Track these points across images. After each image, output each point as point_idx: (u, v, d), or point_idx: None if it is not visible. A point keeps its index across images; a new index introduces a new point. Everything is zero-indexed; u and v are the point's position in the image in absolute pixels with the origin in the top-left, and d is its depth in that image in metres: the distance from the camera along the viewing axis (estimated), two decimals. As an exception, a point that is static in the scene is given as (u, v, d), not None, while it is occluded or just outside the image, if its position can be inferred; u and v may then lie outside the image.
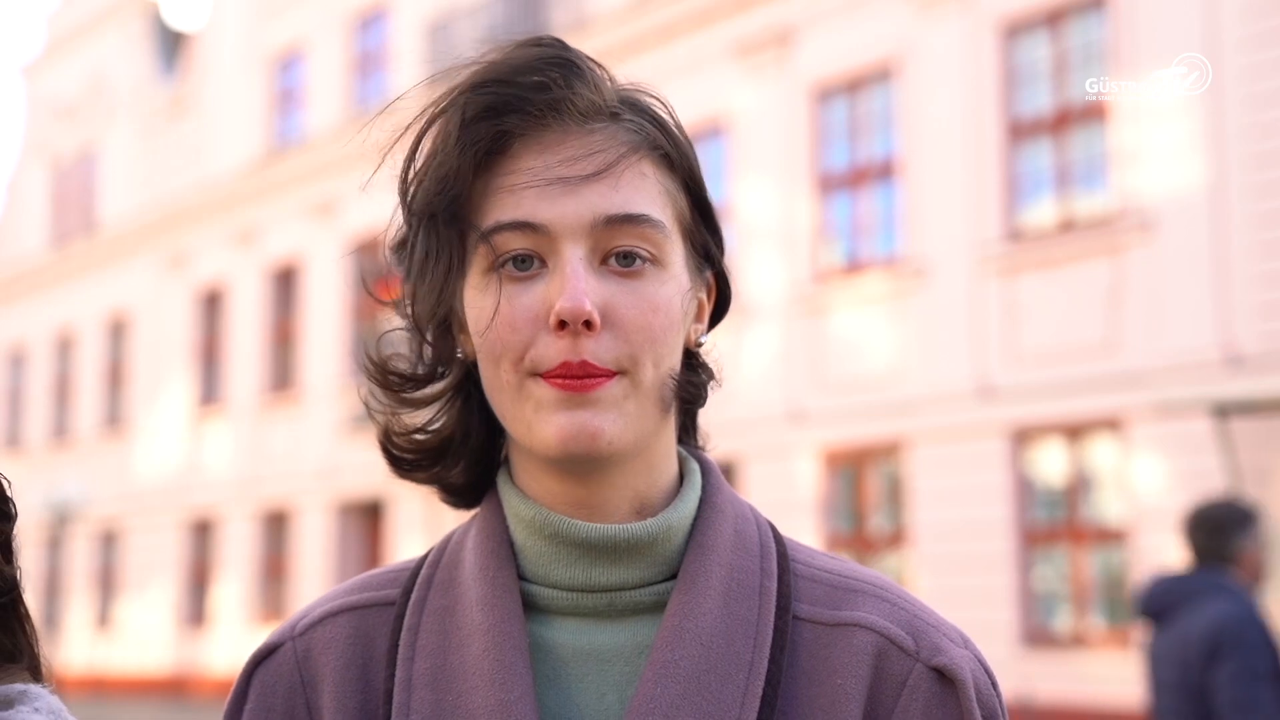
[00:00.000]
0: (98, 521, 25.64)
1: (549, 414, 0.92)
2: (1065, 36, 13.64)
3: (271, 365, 22.99)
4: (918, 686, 0.92)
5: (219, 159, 24.68)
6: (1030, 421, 13.24)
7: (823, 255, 15.50)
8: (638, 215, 0.93)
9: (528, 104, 0.94)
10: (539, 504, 0.97)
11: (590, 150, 0.94)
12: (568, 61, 0.96)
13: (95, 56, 28.49)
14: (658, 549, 0.96)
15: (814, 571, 0.99)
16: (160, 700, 22.55)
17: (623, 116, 0.97)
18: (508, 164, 0.95)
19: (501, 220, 0.93)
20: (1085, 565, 12.91)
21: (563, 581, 0.96)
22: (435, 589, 1.00)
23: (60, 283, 28.48)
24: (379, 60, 22.10)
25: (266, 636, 1.04)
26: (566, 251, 0.92)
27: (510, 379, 0.93)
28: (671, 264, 0.95)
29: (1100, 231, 13.00)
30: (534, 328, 0.92)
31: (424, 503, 18.92)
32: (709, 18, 16.53)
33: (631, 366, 0.92)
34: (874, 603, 0.96)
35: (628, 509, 0.97)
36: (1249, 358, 11.82)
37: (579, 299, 0.90)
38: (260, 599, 22.10)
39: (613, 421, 0.92)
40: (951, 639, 0.95)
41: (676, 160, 0.98)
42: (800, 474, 14.83)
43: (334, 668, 0.99)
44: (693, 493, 0.99)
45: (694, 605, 0.93)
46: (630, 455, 0.95)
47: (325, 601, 1.04)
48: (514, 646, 0.93)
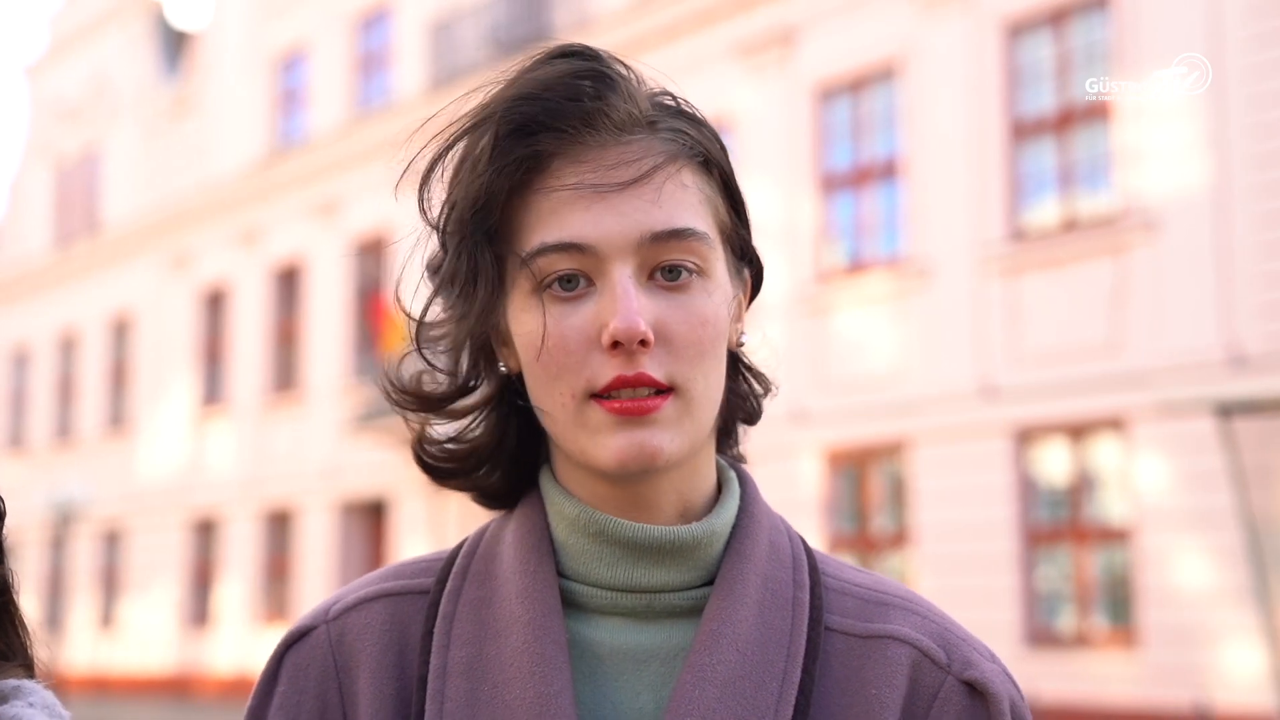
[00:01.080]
0: (101, 521, 25.65)
1: (606, 437, 0.92)
2: (1068, 36, 13.63)
3: (274, 365, 23.00)
4: (949, 699, 0.94)
5: (222, 159, 24.69)
6: (1033, 421, 13.23)
7: (825, 255, 15.50)
8: (683, 230, 0.93)
9: (562, 120, 0.93)
10: (584, 503, 0.97)
11: (627, 160, 0.93)
12: (599, 73, 0.95)
13: (98, 57, 28.51)
14: (699, 553, 0.97)
15: (843, 585, 1.00)
16: (163, 700, 22.56)
17: (659, 125, 0.96)
18: (545, 182, 0.94)
19: (547, 242, 0.92)
20: (1088, 565, 12.90)
21: (604, 580, 0.96)
22: (471, 579, 0.99)
23: (63, 283, 28.50)
24: (381, 60, 22.10)
25: (299, 620, 1.03)
26: (615, 272, 0.92)
27: (567, 403, 0.93)
28: (716, 273, 0.96)
29: (1103, 231, 12.99)
30: (586, 348, 0.92)
31: (426, 503, 18.93)
32: (711, 18, 16.53)
33: (683, 382, 0.92)
34: (905, 615, 0.98)
35: (672, 512, 0.97)
36: (1252, 358, 11.81)
37: (633, 319, 0.89)
38: (263, 599, 22.11)
39: (670, 440, 0.92)
40: (981, 653, 0.97)
41: (714, 163, 0.98)
42: (803, 474, 14.83)
43: (370, 654, 0.98)
44: (733, 500, 1.00)
45: (731, 611, 0.94)
46: (681, 464, 0.96)
47: (359, 587, 1.03)
48: (554, 641, 0.93)
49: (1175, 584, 12.00)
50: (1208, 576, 11.84)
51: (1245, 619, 11.51)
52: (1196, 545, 11.92)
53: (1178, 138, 12.45)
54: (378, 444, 19.47)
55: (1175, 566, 12.03)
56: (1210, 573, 11.82)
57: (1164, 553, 12.12)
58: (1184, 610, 11.89)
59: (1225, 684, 11.58)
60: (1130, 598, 12.46)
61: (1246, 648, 11.51)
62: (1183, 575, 11.98)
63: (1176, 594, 11.96)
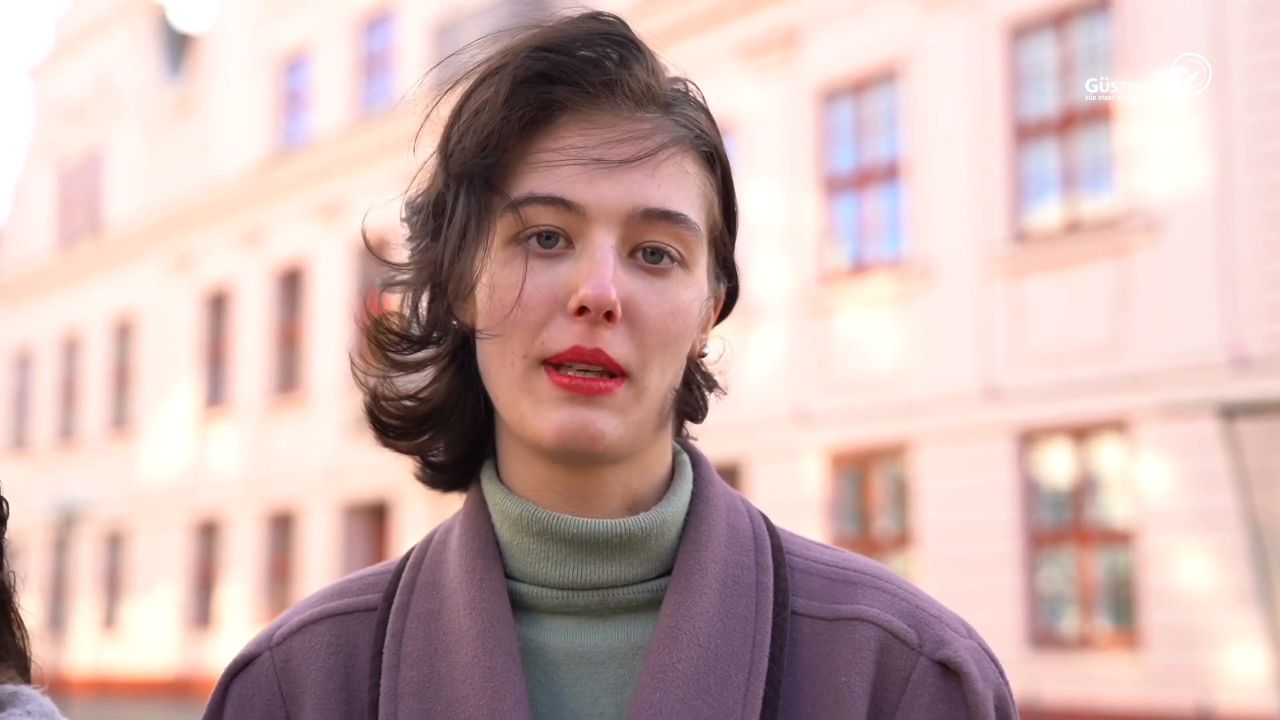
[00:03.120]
0: (104, 523, 25.67)
1: (549, 409, 0.88)
2: (1071, 37, 13.62)
3: (277, 366, 23.01)
4: (922, 681, 0.89)
5: (225, 160, 24.71)
6: (1036, 423, 13.22)
7: (828, 256, 15.49)
8: (676, 214, 0.90)
9: (581, 77, 0.90)
10: (525, 499, 0.93)
11: (637, 135, 0.90)
12: (628, 40, 0.93)
13: (102, 58, 28.53)
14: (651, 545, 0.93)
15: (810, 564, 0.96)
16: (166, 702, 22.56)
17: (674, 108, 0.94)
18: (550, 135, 0.91)
19: (536, 192, 0.89)
20: (1091, 567, 12.89)
21: (552, 579, 0.92)
22: (419, 593, 0.95)
23: (66, 284, 28.52)
24: (385, 62, 22.11)
25: (243, 647, 0.98)
26: (598, 236, 0.88)
27: (516, 363, 0.89)
28: (697, 268, 0.92)
29: (1106, 232, 12.98)
30: (549, 308, 0.88)
31: (429, 504, 18.93)
32: (715, 19, 16.52)
33: (640, 369, 0.89)
34: (874, 594, 0.93)
35: (619, 504, 0.93)
36: (1255, 359, 11.80)
37: (605, 287, 0.86)
38: (266, 600, 22.11)
39: (615, 426, 0.88)
40: (955, 629, 0.92)
41: (718, 161, 0.96)
42: (806, 475, 14.82)
43: (315, 679, 0.94)
44: (685, 486, 0.96)
45: (690, 605, 0.90)
46: (626, 455, 0.92)
47: (303, 609, 0.99)
48: (505, 652, 0.89)
49: (1178, 585, 11.99)
50: (1211, 578, 11.83)
51: (1248, 620, 11.50)
52: (1199, 547, 11.91)
53: (1180, 139, 12.45)
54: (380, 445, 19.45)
55: (1178, 568, 12.02)
56: (1213, 574, 11.81)
57: (1167, 554, 12.11)
58: (1187, 612, 11.88)
59: (1228, 685, 11.57)
60: (1133, 599, 12.45)
61: (1250, 649, 11.50)
62: (1186, 577, 11.97)
63: (1179, 595, 11.95)
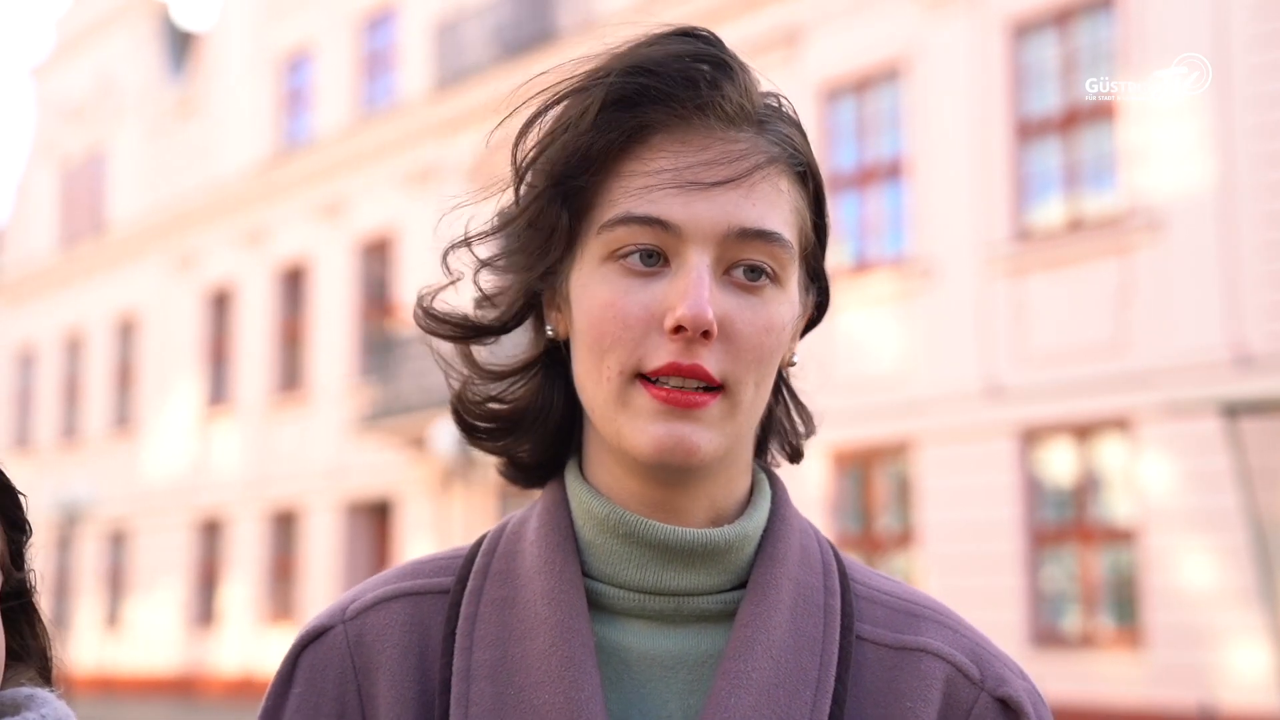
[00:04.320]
0: (107, 522, 25.69)
1: (646, 422, 0.90)
2: (1073, 36, 13.62)
3: (280, 365, 23.02)
4: (984, 716, 0.93)
5: (227, 159, 24.72)
6: (1039, 422, 13.22)
7: (830, 255, 15.45)
8: (770, 233, 0.91)
9: (673, 99, 0.91)
10: (613, 501, 0.95)
11: (732, 157, 0.91)
12: (720, 60, 0.93)
13: (104, 58, 28.55)
14: (730, 557, 0.95)
15: (873, 592, 0.99)
16: (169, 700, 22.59)
17: (767, 125, 0.94)
18: (644, 155, 0.92)
19: (633, 213, 0.90)
20: (1094, 565, 12.89)
21: (632, 582, 0.94)
22: (492, 579, 0.97)
23: (69, 283, 28.55)
24: (387, 61, 22.11)
25: (313, 618, 0.99)
26: (694, 256, 0.90)
27: (613, 378, 0.90)
28: (789, 284, 0.94)
29: (1109, 231, 12.98)
30: (646, 327, 0.90)
31: (432, 502, 18.95)
32: (716, 17, 16.51)
33: (735, 384, 0.90)
34: (937, 629, 0.96)
35: (703, 516, 0.95)
36: (1258, 357, 11.79)
37: (703, 307, 0.87)
38: (269, 599, 22.13)
39: (710, 440, 0.90)
40: (1012, 670, 0.96)
41: (811, 177, 0.97)
42: (808, 474, 14.82)
43: (390, 655, 0.95)
44: (764, 503, 0.98)
45: (765, 617, 0.92)
46: (717, 469, 0.94)
47: (376, 586, 1.00)
48: (582, 644, 0.91)
49: (1181, 584, 11.99)
50: (1213, 577, 11.82)
51: (1251, 619, 11.49)
52: (1202, 545, 11.91)
53: (1183, 137, 12.44)
54: (383, 444, 19.48)
55: (1181, 567, 12.02)
56: (1216, 573, 11.81)
57: (1169, 553, 12.11)
58: (1190, 610, 11.87)
59: (1231, 684, 11.56)
60: (1136, 598, 12.44)
61: (1252, 648, 11.49)
62: (1188, 575, 11.97)
63: (1182, 594, 11.95)
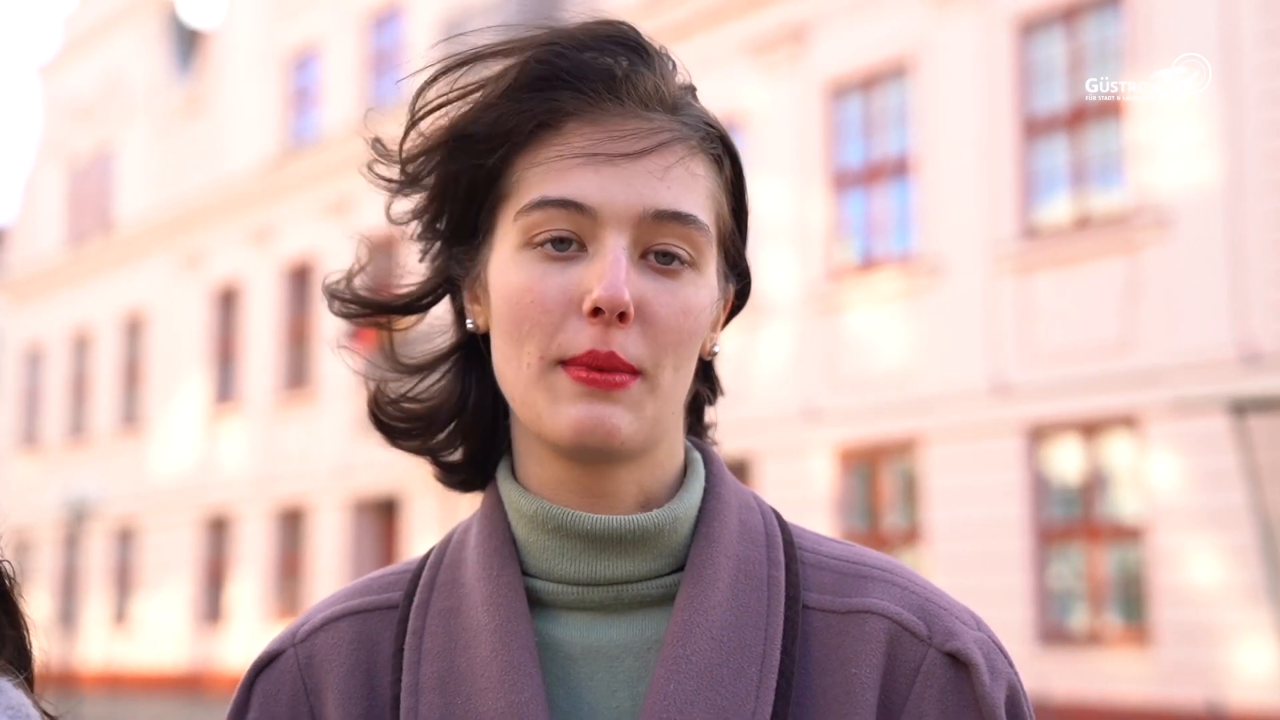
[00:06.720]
0: (114, 519, 25.73)
1: (566, 405, 0.90)
2: (1081, 33, 13.60)
3: (287, 363, 23.05)
4: (932, 673, 0.91)
5: (234, 158, 24.75)
6: (1046, 419, 13.20)
7: (837, 253, 15.48)
8: (686, 215, 0.91)
9: (586, 82, 0.91)
10: (540, 496, 0.95)
11: (643, 133, 0.91)
12: (638, 45, 0.95)
13: (111, 56, 28.59)
14: (664, 541, 0.94)
15: (821, 558, 0.97)
16: (176, 697, 22.63)
17: (681, 110, 0.94)
18: (557, 138, 0.92)
19: (548, 196, 0.90)
20: (1101, 563, 12.87)
21: (567, 575, 0.94)
22: (438, 591, 0.97)
23: (76, 282, 28.59)
24: (394, 59, 22.12)
25: (267, 644, 1.01)
26: (610, 239, 0.90)
27: (532, 363, 0.91)
28: (707, 269, 0.94)
29: (1116, 229, 12.96)
30: (565, 310, 0.90)
31: (439, 500, 18.95)
32: (723, 15, 16.52)
33: (653, 368, 0.90)
34: (884, 588, 0.94)
35: (632, 501, 0.95)
36: (1266, 355, 11.77)
37: (619, 289, 0.87)
38: (276, 596, 22.17)
39: (630, 421, 0.90)
40: (964, 621, 0.94)
41: (727, 164, 0.97)
42: (815, 472, 14.82)
43: (337, 674, 0.96)
44: (697, 483, 0.98)
45: (703, 599, 0.92)
46: (640, 452, 0.93)
47: (326, 606, 1.01)
48: (522, 646, 0.91)
49: (1188, 582, 11.97)
50: (1221, 574, 11.81)
51: (1259, 617, 11.48)
52: (1210, 543, 11.89)
53: (1190, 135, 12.42)
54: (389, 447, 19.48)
55: (1188, 565, 12.00)
56: (1223, 571, 11.79)
57: (1177, 551, 12.09)
58: (1197, 608, 11.86)
59: (1238, 682, 11.55)
60: (1143, 596, 12.43)
61: (1260, 646, 11.48)
62: (1196, 573, 11.95)
63: (1190, 592, 11.93)
